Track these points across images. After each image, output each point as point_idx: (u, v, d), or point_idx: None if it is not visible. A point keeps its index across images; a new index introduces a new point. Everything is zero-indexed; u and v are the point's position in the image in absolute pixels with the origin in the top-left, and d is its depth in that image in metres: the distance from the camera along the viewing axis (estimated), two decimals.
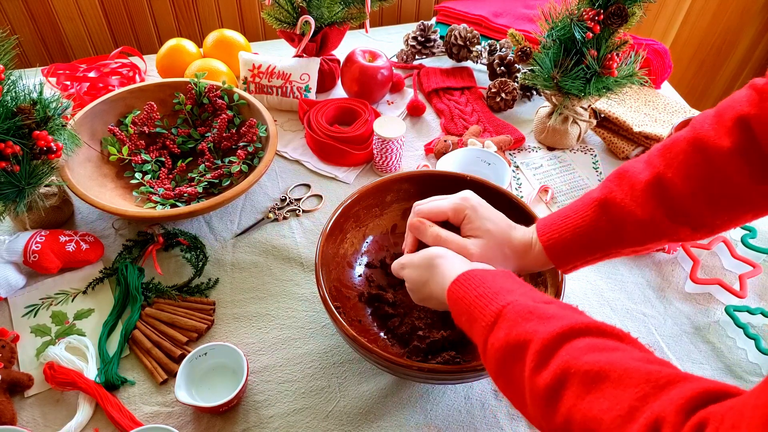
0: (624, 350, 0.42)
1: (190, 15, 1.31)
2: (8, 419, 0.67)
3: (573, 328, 0.44)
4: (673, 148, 0.56)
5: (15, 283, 0.80)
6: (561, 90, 0.98)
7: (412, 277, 0.63)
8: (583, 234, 0.60)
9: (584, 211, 0.60)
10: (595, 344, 0.42)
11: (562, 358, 0.42)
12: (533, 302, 0.49)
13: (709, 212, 0.56)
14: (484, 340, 0.50)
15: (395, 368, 0.63)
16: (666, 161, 0.56)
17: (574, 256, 0.62)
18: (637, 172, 0.58)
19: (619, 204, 0.58)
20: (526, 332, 0.46)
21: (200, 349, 0.71)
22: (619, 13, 0.88)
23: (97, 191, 0.87)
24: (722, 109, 0.55)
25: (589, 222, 0.60)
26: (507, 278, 0.54)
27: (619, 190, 0.59)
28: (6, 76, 0.73)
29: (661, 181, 0.56)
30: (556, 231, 0.61)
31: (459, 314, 0.54)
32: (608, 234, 0.59)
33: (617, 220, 0.58)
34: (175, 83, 1.01)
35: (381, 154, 0.99)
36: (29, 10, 1.19)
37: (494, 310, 0.49)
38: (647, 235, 0.58)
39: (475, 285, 0.53)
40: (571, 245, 0.61)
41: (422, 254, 0.62)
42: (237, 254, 0.88)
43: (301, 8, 1.07)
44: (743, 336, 0.78)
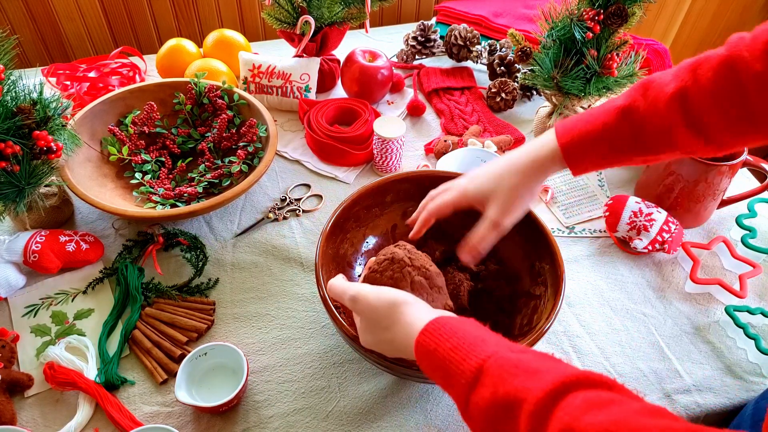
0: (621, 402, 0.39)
1: (190, 15, 1.31)
2: (8, 419, 0.67)
3: (564, 382, 0.40)
4: (704, 64, 0.57)
5: (15, 283, 0.80)
6: (561, 90, 0.98)
7: (369, 317, 0.58)
8: (603, 137, 0.61)
9: (605, 115, 0.61)
10: (590, 399, 0.39)
11: (562, 420, 0.39)
12: (514, 354, 0.46)
13: (725, 127, 0.57)
14: (465, 397, 0.46)
15: (395, 368, 0.63)
16: (695, 76, 0.57)
17: (590, 159, 0.63)
18: (664, 84, 0.59)
19: (642, 113, 0.59)
20: (516, 390, 0.42)
21: (200, 349, 0.71)
22: (619, 13, 0.88)
23: (97, 191, 0.87)
24: (759, 32, 0.55)
25: (609, 126, 0.61)
26: (477, 326, 0.51)
27: (643, 99, 0.60)
28: (6, 76, 0.73)
29: (686, 95, 0.57)
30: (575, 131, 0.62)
31: (431, 368, 0.50)
32: (627, 139, 0.60)
33: (637, 127, 0.60)
34: (175, 83, 1.01)
35: (381, 154, 0.99)
36: (29, 10, 1.19)
37: (474, 365, 0.46)
38: (663, 143, 0.60)
39: (447, 336, 0.49)
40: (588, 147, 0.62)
41: (380, 295, 0.57)
42: (237, 254, 0.88)
43: (301, 8, 1.07)
44: (743, 336, 0.78)
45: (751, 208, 0.92)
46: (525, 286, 0.76)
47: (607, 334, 0.80)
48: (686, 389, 0.75)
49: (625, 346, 0.79)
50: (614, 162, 0.63)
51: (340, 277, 0.63)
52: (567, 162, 0.63)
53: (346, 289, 0.60)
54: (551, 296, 0.69)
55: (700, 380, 0.76)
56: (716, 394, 0.74)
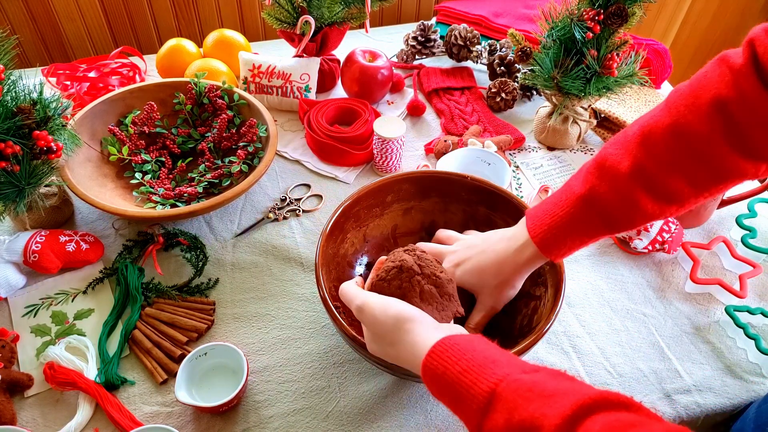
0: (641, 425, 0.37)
1: (190, 15, 1.31)
2: (8, 419, 0.67)
3: (582, 406, 0.39)
4: (652, 136, 0.57)
5: (15, 283, 0.80)
6: (561, 90, 0.98)
7: (374, 331, 0.57)
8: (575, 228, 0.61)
9: (569, 206, 0.61)
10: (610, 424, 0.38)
11: None
12: (527, 375, 0.44)
13: (694, 191, 0.57)
14: (478, 423, 0.44)
15: (395, 368, 0.63)
16: (646, 150, 0.57)
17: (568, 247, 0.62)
18: (617, 163, 0.58)
19: (604, 197, 0.58)
20: (532, 417, 0.40)
21: (200, 349, 0.71)
22: (619, 13, 0.88)
23: (97, 191, 0.87)
24: (697, 90, 0.55)
25: (579, 217, 0.60)
26: (486, 345, 0.49)
27: (600, 183, 0.59)
28: (6, 76, 0.73)
29: (644, 170, 0.57)
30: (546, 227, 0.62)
31: (440, 392, 0.49)
32: (598, 225, 0.60)
33: (605, 213, 0.59)
34: (175, 83, 1.01)
35: (381, 154, 0.99)
36: (29, 10, 1.19)
37: (486, 389, 0.44)
38: (634, 217, 0.59)
39: (456, 357, 0.48)
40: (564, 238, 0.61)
41: (386, 309, 0.56)
42: (237, 254, 0.88)
43: (301, 8, 1.07)
44: (743, 336, 0.78)
45: (751, 208, 0.92)
46: (525, 287, 0.75)
47: (607, 334, 0.80)
48: (686, 389, 0.75)
49: (625, 346, 0.79)
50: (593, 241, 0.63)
51: (353, 283, 0.62)
52: (546, 254, 0.63)
53: (354, 296, 0.59)
54: (551, 297, 0.69)
55: (700, 380, 0.76)
56: (716, 394, 0.74)
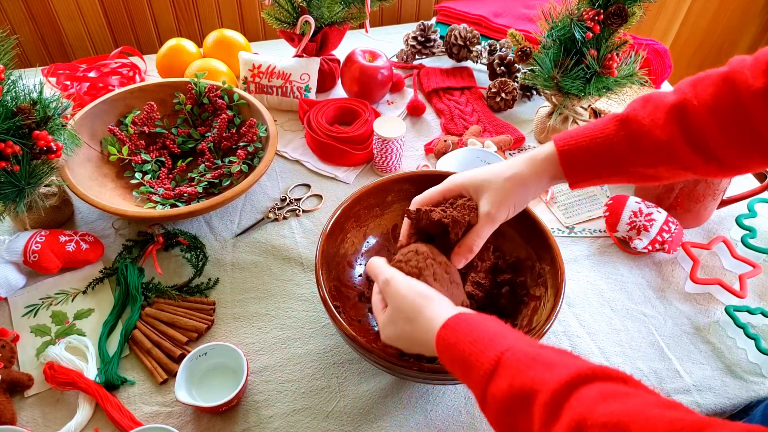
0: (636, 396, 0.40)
1: (190, 15, 1.31)
2: (8, 419, 0.67)
3: (580, 375, 0.41)
4: (705, 79, 0.57)
5: (15, 283, 0.80)
6: (561, 90, 0.98)
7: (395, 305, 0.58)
8: (600, 144, 0.59)
9: (604, 125, 0.60)
10: (605, 391, 0.40)
11: (575, 410, 0.40)
12: (532, 348, 0.47)
13: (726, 146, 0.56)
14: (483, 389, 0.47)
15: (394, 368, 0.63)
16: (695, 91, 0.57)
17: (586, 167, 0.61)
18: (663, 96, 0.58)
19: (640, 121, 0.58)
20: (532, 381, 0.43)
21: (200, 349, 0.71)
22: (619, 13, 0.88)
23: (97, 191, 0.87)
24: (761, 53, 0.55)
25: (607, 134, 0.59)
26: (498, 322, 0.52)
27: (642, 109, 0.59)
28: (6, 76, 0.73)
29: (686, 107, 0.56)
30: (573, 138, 0.61)
31: (451, 361, 0.51)
32: (624, 148, 0.59)
33: (635, 136, 0.58)
34: (175, 83, 1.01)
35: (381, 154, 0.99)
36: (29, 10, 1.19)
37: (492, 357, 0.47)
38: (661, 157, 0.58)
39: (468, 330, 0.51)
40: (585, 154, 0.60)
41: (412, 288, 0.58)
42: (237, 254, 0.88)
43: (301, 8, 1.07)
44: (743, 336, 0.78)
45: (751, 208, 0.92)
46: (525, 287, 0.75)
47: (607, 334, 0.80)
48: (686, 389, 0.75)
49: (625, 346, 0.79)
50: (613, 175, 0.61)
51: (382, 259, 0.64)
52: (564, 168, 0.61)
53: (383, 270, 0.61)
54: (551, 297, 0.69)
55: (700, 380, 0.76)
56: (716, 394, 0.74)
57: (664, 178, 0.61)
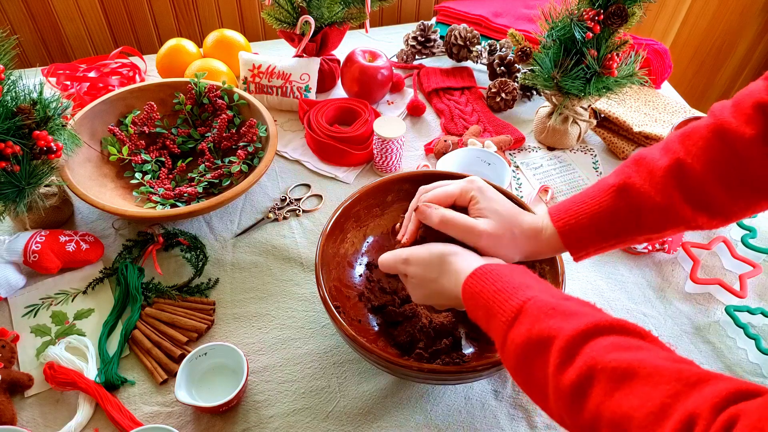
0: (649, 349, 0.41)
1: (190, 15, 1.31)
2: (8, 419, 0.67)
3: (597, 326, 0.43)
4: (692, 135, 0.56)
5: (15, 283, 0.80)
6: (561, 90, 0.98)
7: (418, 273, 0.60)
8: (601, 219, 0.59)
9: (601, 196, 0.59)
10: (619, 342, 0.42)
11: (588, 355, 0.42)
12: (554, 299, 0.48)
13: (728, 198, 0.55)
14: (504, 335, 0.49)
15: (394, 368, 0.63)
16: (685, 147, 0.56)
17: (589, 242, 0.60)
18: (655, 159, 0.58)
19: (638, 189, 0.57)
20: (550, 328, 0.45)
21: (200, 349, 0.71)
22: (619, 13, 0.88)
23: (97, 191, 0.87)
24: (740, 98, 0.55)
25: (606, 207, 0.58)
26: (524, 274, 0.54)
27: (637, 175, 0.58)
28: (6, 76, 0.73)
29: (681, 167, 0.55)
30: (572, 216, 0.60)
31: (475, 308, 0.53)
32: (626, 219, 0.58)
33: (635, 205, 0.57)
34: (175, 83, 1.01)
35: (381, 154, 0.99)
36: (29, 10, 1.19)
37: (515, 305, 0.49)
38: (665, 221, 0.57)
39: (493, 279, 0.52)
40: (586, 230, 0.59)
41: (431, 250, 0.60)
42: (237, 254, 0.88)
43: (301, 8, 1.07)
44: (743, 336, 0.78)
45: None
46: None
47: None
48: None
49: None
50: (617, 243, 0.60)
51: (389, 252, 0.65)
52: (567, 246, 0.60)
53: (398, 254, 0.62)
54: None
55: None
56: None
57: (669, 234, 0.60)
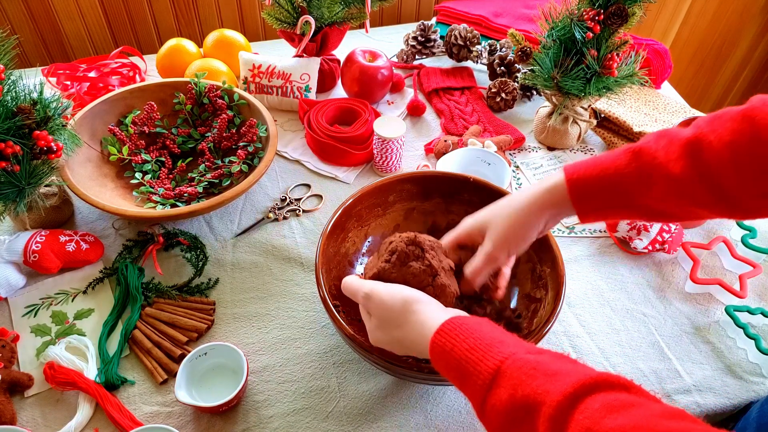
0: (640, 405, 0.39)
1: (190, 15, 1.31)
2: (8, 419, 0.67)
3: (583, 385, 0.41)
4: (723, 116, 0.55)
5: (15, 283, 0.80)
6: (561, 90, 0.98)
7: (379, 315, 0.58)
8: (612, 177, 0.57)
9: (616, 155, 0.58)
10: (609, 402, 0.40)
11: (582, 424, 0.39)
12: (531, 355, 0.46)
13: (742, 186, 0.53)
14: (482, 399, 0.46)
15: (393, 369, 0.63)
16: (712, 126, 0.54)
17: (596, 198, 0.58)
18: (679, 131, 0.57)
19: (653, 154, 0.56)
20: (535, 393, 0.42)
21: (200, 349, 0.71)
22: (619, 13, 0.88)
23: (97, 191, 0.87)
24: None
25: (618, 165, 0.57)
26: (493, 327, 0.51)
27: (655, 142, 0.57)
28: (6, 76, 0.73)
29: (701, 142, 0.54)
30: (584, 169, 0.59)
31: (447, 369, 0.50)
32: (634, 180, 0.56)
33: (647, 168, 0.56)
34: (175, 83, 1.01)
35: (381, 154, 0.99)
36: (29, 10, 1.19)
37: (491, 366, 0.46)
38: (671, 192, 0.56)
39: (464, 336, 0.49)
40: (596, 185, 0.58)
41: (393, 293, 0.57)
42: (237, 254, 0.88)
43: (301, 8, 1.07)
44: (743, 336, 0.78)
45: None
46: (525, 289, 0.76)
47: (607, 334, 0.80)
48: (686, 389, 0.75)
49: (625, 346, 0.79)
50: (622, 207, 0.59)
51: (354, 276, 0.64)
52: (573, 199, 0.59)
53: (360, 286, 0.60)
54: (551, 300, 0.69)
55: (700, 380, 0.76)
56: (716, 395, 0.74)
57: (673, 216, 0.59)
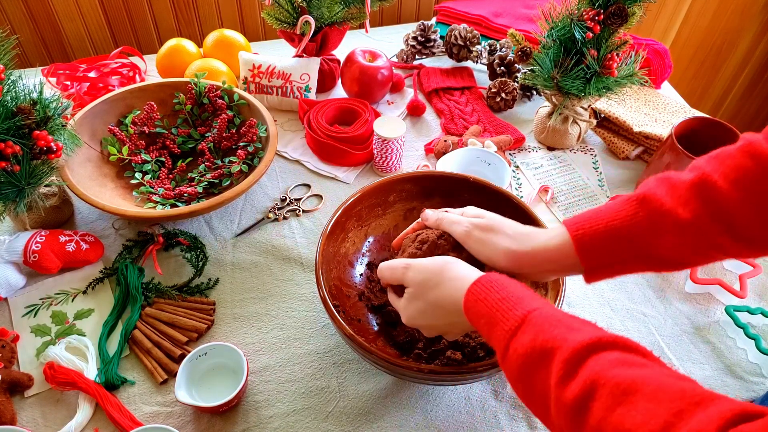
0: (652, 366, 0.41)
1: (190, 15, 1.31)
2: (8, 419, 0.67)
3: (601, 340, 0.43)
4: (720, 155, 0.54)
5: (15, 283, 0.80)
6: (561, 90, 0.98)
7: (417, 279, 0.59)
8: (619, 227, 0.54)
9: (620, 206, 0.55)
10: (623, 358, 0.42)
11: (592, 369, 0.41)
12: (559, 312, 0.48)
13: (756, 222, 0.51)
14: (506, 344, 0.48)
15: (393, 368, 0.63)
16: (712, 165, 0.53)
17: (606, 253, 0.55)
18: (680, 176, 0.55)
19: (659, 200, 0.53)
20: (554, 339, 0.45)
21: (200, 349, 0.71)
22: (619, 13, 0.88)
23: (97, 191, 0.87)
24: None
25: (624, 217, 0.54)
26: (527, 288, 0.53)
27: (659, 188, 0.54)
28: (6, 76, 0.73)
29: (706, 183, 0.52)
30: (587, 223, 0.56)
31: (477, 317, 0.53)
32: (645, 230, 0.54)
33: (656, 216, 0.53)
34: (175, 83, 1.01)
35: (381, 154, 0.99)
36: (29, 10, 1.19)
37: (519, 315, 0.49)
38: (686, 238, 0.53)
39: (497, 289, 0.52)
40: (603, 241, 0.55)
41: (433, 259, 0.60)
42: (237, 254, 0.88)
43: (301, 8, 1.07)
44: (743, 336, 0.78)
45: None
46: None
47: None
48: None
49: None
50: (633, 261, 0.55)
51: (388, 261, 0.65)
52: (580, 256, 0.56)
53: (398, 262, 0.63)
54: (551, 300, 0.69)
55: (700, 380, 0.76)
56: None
57: (691, 263, 0.56)
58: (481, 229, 0.62)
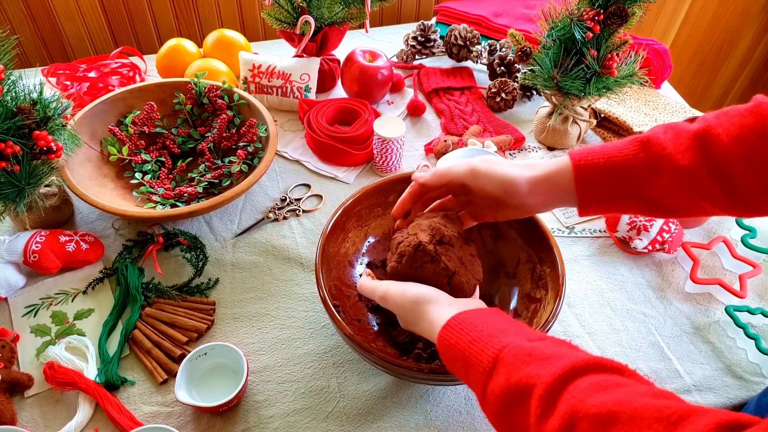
0: (627, 385, 0.41)
1: (190, 15, 1.31)
2: (8, 419, 0.67)
3: (574, 368, 0.43)
4: (730, 111, 0.55)
5: (15, 283, 0.80)
6: (561, 90, 0.98)
7: (398, 314, 0.61)
8: (619, 163, 0.56)
9: (624, 144, 0.57)
10: (597, 382, 0.42)
11: (568, 402, 0.41)
12: (529, 342, 0.48)
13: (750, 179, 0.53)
14: (483, 386, 0.48)
15: (393, 368, 0.63)
16: (719, 120, 0.54)
17: (603, 185, 0.57)
18: (686, 125, 0.56)
19: (661, 144, 0.55)
20: (528, 376, 0.45)
21: (200, 349, 0.71)
22: (619, 13, 0.88)
23: (97, 191, 0.87)
24: None
25: (626, 153, 0.56)
26: (498, 317, 0.53)
27: (663, 134, 0.56)
28: (6, 76, 0.73)
29: (709, 134, 0.54)
30: (590, 155, 0.58)
31: (453, 361, 0.53)
32: (642, 170, 0.56)
33: (655, 158, 0.55)
34: (175, 83, 1.01)
35: (381, 154, 0.99)
36: (29, 10, 1.19)
37: (490, 355, 0.48)
38: (679, 184, 0.55)
39: (467, 329, 0.52)
40: (603, 171, 0.57)
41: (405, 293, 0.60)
42: (237, 254, 0.88)
43: (301, 8, 1.07)
44: (743, 336, 0.78)
45: None
46: (525, 289, 0.76)
47: (607, 334, 0.80)
48: (686, 389, 0.75)
49: (625, 346, 0.79)
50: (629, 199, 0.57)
51: (367, 278, 0.66)
52: (578, 185, 0.58)
53: (375, 288, 0.63)
54: (551, 300, 0.69)
55: (700, 380, 0.76)
56: (716, 394, 0.74)
57: (678, 210, 0.58)
58: (484, 161, 0.62)
